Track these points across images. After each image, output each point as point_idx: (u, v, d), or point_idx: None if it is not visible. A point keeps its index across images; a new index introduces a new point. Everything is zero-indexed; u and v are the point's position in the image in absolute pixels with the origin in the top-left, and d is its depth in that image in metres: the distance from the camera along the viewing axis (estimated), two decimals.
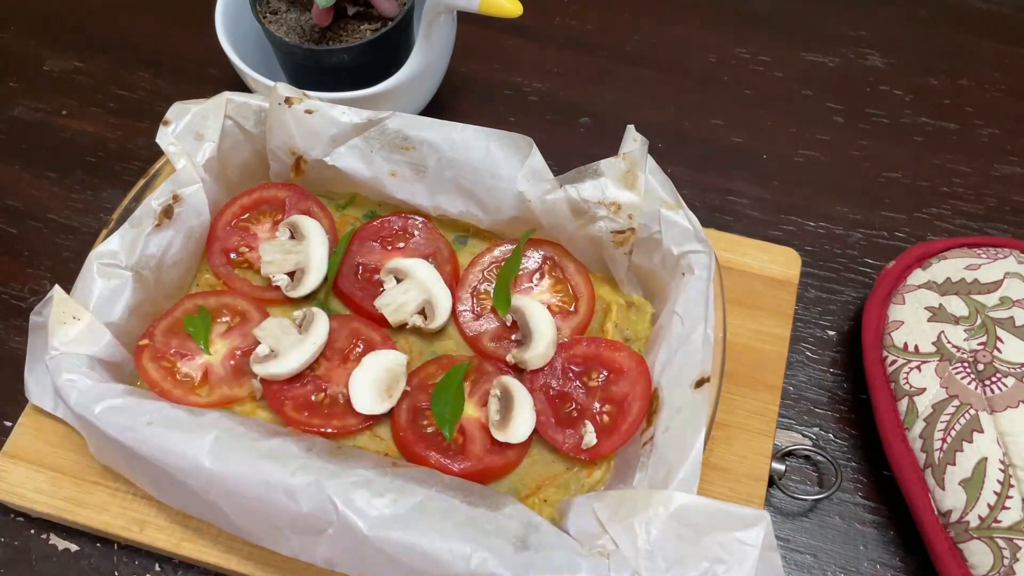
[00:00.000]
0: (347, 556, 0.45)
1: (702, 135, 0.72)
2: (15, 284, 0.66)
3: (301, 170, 0.59)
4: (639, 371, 0.52)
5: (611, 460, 0.52)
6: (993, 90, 0.74)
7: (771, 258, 0.61)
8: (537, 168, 0.54)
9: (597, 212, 0.53)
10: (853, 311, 0.64)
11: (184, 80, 0.75)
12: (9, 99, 0.75)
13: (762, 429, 0.55)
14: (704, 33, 0.78)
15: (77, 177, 0.70)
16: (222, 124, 0.57)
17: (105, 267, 0.53)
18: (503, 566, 0.42)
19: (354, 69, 0.64)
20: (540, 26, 0.78)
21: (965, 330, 0.54)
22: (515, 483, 0.52)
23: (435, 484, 0.47)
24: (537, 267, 0.58)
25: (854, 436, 0.59)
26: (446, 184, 0.57)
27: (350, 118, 0.56)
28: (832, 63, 0.76)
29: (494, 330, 0.56)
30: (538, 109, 0.74)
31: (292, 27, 0.65)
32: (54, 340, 0.50)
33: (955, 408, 0.51)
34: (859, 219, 0.68)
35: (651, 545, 0.42)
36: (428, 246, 0.59)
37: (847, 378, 0.61)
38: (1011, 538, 0.48)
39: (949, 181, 0.70)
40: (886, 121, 0.73)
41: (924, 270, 0.58)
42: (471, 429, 0.52)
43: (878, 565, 0.55)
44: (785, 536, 0.56)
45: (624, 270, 0.56)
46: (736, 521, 0.42)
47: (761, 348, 0.58)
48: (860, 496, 0.57)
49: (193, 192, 0.56)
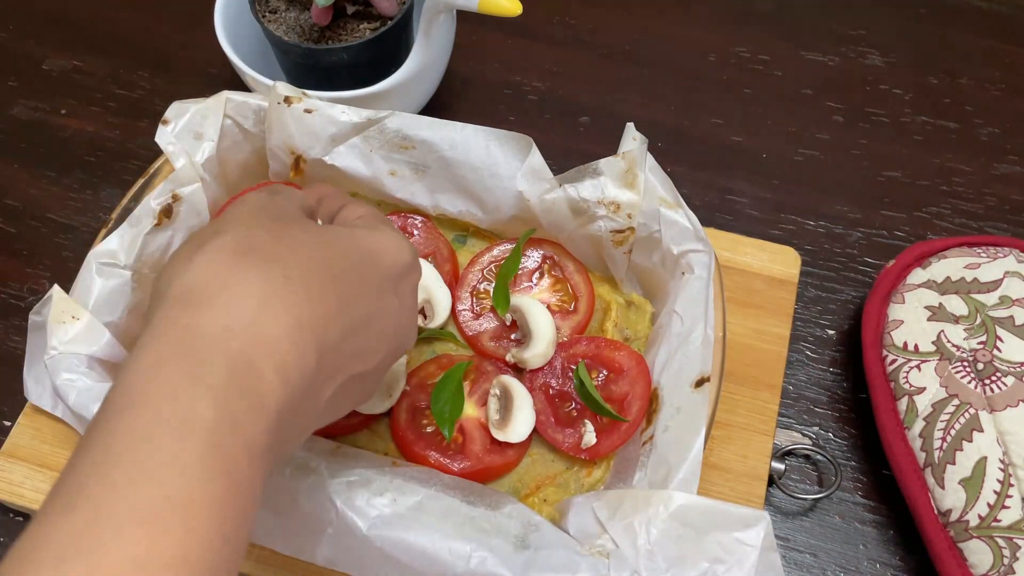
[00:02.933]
0: (347, 555, 0.45)
1: (702, 134, 0.72)
2: (14, 283, 0.65)
3: (300, 169, 0.59)
4: (639, 370, 0.52)
5: (611, 460, 0.52)
6: (993, 89, 0.74)
7: (771, 257, 0.61)
8: (536, 167, 0.54)
9: (596, 211, 0.53)
10: (853, 310, 0.64)
11: (183, 79, 0.75)
12: (8, 98, 0.75)
13: (762, 428, 0.55)
14: (704, 32, 0.78)
15: (76, 176, 0.70)
16: (221, 123, 0.57)
17: (104, 266, 0.53)
18: (503, 565, 0.42)
19: (353, 68, 0.64)
20: (540, 25, 0.78)
21: (965, 329, 0.54)
22: (515, 482, 0.52)
23: (435, 483, 0.47)
24: (536, 266, 0.58)
25: (854, 435, 0.59)
26: (445, 183, 0.57)
27: (349, 117, 0.56)
28: (832, 62, 0.76)
29: (494, 329, 0.56)
30: (538, 108, 0.74)
31: (291, 26, 0.65)
32: (53, 339, 0.50)
33: (955, 407, 0.51)
34: (859, 218, 0.68)
35: (651, 545, 0.42)
36: (427, 245, 0.59)
37: (847, 377, 0.61)
38: (1011, 537, 0.48)
39: (949, 180, 0.70)
40: (886, 120, 0.73)
41: (924, 269, 0.58)
42: (471, 428, 0.52)
43: (878, 564, 0.55)
44: (785, 535, 0.56)
45: (624, 269, 0.56)
46: (736, 521, 0.42)
47: (761, 347, 0.58)
48: (860, 495, 0.57)
49: (192, 191, 0.56)
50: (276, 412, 0.30)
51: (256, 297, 0.32)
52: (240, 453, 0.29)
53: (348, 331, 0.35)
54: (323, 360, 0.33)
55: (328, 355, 0.34)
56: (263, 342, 0.31)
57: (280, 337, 0.31)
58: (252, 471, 0.29)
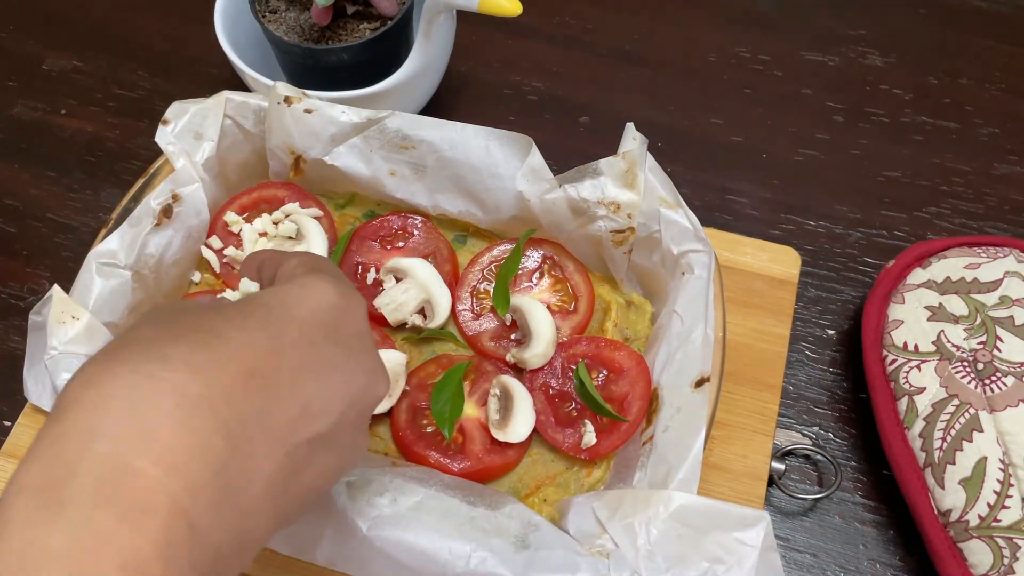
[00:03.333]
0: (347, 555, 0.45)
1: (701, 134, 0.72)
2: (14, 283, 0.65)
3: (300, 169, 0.59)
4: (639, 370, 0.52)
5: (611, 460, 0.52)
6: (993, 89, 0.74)
7: (771, 257, 0.61)
8: (536, 167, 0.54)
9: (596, 211, 0.53)
10: (853, 310, 0.64)
11: (183, 79, 0.75)
12: (8, 98, 0.75)
13: (762, 428, 0.55)
14: (704, 32, 0.78)
15: (76, 176, 0.70)
16: (221, 123, 0.57)
17: (104, 266, 0.52)
18: (503, 565, 0.42)
19: (353, 68, 0.64)
20: (540, 25, 0.78)
21: (965, 329, 0.54)
22: (515, 482, 0.52)
23: (434, 483, 0.46)
24: (536, 266, 0.58)
25: (854, 435, 0.59)
26: (445, 183, 0.57)
27: (349, 117, 0.56)
28: (832, 62, 0.76)
29: (493, 329, 0.56)
30: (538, 108, 0.74)
31: (291, 26, 0.65)
32: (53, 340, 0.49)
33: (955, 407, 0.51)
34: (859, 218, 0.68)
35: (651, 545, 0.42)
36: (427, 245, 0.59)
37: (847, 377, 0.61)
38: (1011, 537, 0.48)
39: (949, 180, 0.70)
40: (886, 120, 0.73)
41: (924, 269, 0.58)
42: (470, 428, 0.52)
43: (878, 564, 0.55)
44: (785, 535, 0.56)
45: (624, 269, 0.56)
46: (736, 521, 0.42)
47: (761, 347, 0.58)
48: (860, 495, 0.57)
49: (192, 191, 0.56)
50: (170, 509, 0.26)
51: (126, 386, 0.27)
52: (113, 571, 0.24)
53: (269, 394, 0.30)
54: (239, 433, 0.28)
55: (247, 426, 0.29)
56: (135, 433, 0.26)
57: (159, 423, 0.27)
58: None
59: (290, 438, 0.31)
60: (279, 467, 0.30)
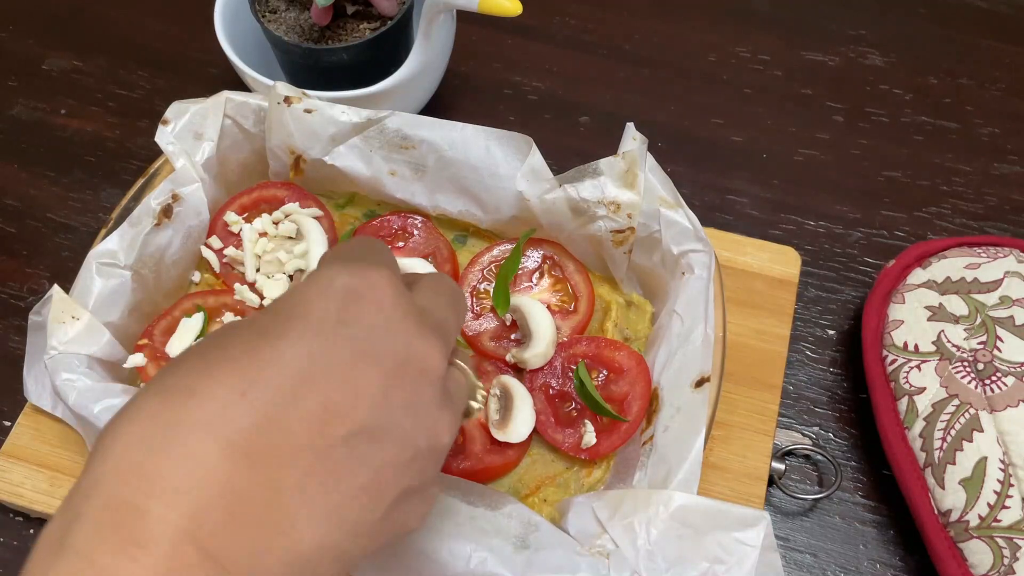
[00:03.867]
0: None
1: (702, 134, 0.72)
2: (14, 283, 0.65)
3: (300, 169, 0.59)
4: (639, 370, 0.52)
5: (611, 460, 0.52)
6: (993, 89, 0.74)
7: (771, 257, 0.61)
8: (536, 167, 0.54)
9: (596, 211, 0.53)
10: (853, 310, 0.64)
11: (183, 79, 0.75)
12: (8, 98, 0.75)
13: (762, 428, 0.55)
14: (704, 32, 0.78)
15: (76, 176, 0.70)
16: (221, 123, 0.57)
17: (104, 266, 0.53)
18: (502, 565, 0.42)
19: (353, 68, 0.64)
20: (540, 25, 0.78)
21: (965, 329, 0.54)
22: (515, 482, 0.52)
23: None
24: (536, 266, 0.58)
25: (854, 435, 0.59)
26: (445, 183, 0.57)
27: (349, 117, 0.56)
28: (832, 62, 0.76)
29: (493, 329, 0.56)
30: (538, 109, 0.74)
31: (291, 26, 0.65)
32: (53, 340, 0.50)
33: (955, 407, 0.51)
34: (859, 218, 0.68)
35: (651, 545, 0.42)
36: (427, 245, 0.59)
37: (847, 377, 0.61)
38: (1011, 537, 0.48)
39: (949, 180, 0.70)
40: (886, 120, 0.73)
41: (924, 269, 0.58)
42: (471, 428, 0.52)
43: (878, 564, 0.55)
44: (785, 535, 0.56)
45: (624, 269, 0.56)
46: (736, 521, 0.42)
47: (761, 347, 0.58)
48: (860, 495, 0.57)
49: (192, 191, 0.56)
50: (173, 537, 0.26)
51: (137, 434, 0.28)
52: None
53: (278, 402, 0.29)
54: (248, 447, 0.28)
55: (259, 437, 0.28)
56: (136, 472, 0.27)
57: (161, 459, 0.27)
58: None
59: (316, 440, 0.29)
60: (308, 471, 0.29)
